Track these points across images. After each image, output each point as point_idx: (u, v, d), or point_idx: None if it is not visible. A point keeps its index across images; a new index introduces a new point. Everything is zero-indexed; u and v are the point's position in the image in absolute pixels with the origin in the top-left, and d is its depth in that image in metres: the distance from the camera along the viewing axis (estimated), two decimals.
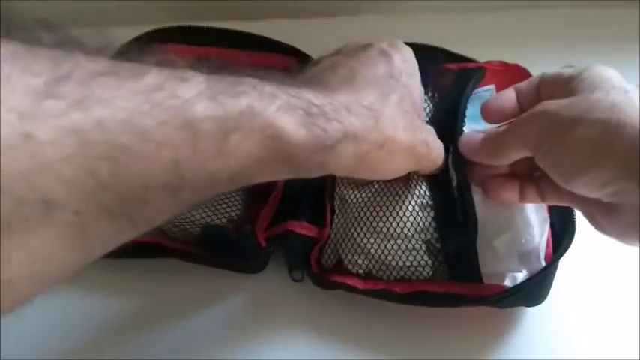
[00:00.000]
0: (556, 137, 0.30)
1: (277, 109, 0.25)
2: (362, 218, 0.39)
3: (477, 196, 0.39)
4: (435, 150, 0.35)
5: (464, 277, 0.37)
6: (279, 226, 0.41)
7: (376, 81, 0.32)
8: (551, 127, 0.30)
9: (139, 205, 0.21)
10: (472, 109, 0.41)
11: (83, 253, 0.20)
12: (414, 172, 0.39)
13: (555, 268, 0.38)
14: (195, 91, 0.23)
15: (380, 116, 0.30)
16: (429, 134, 0.35)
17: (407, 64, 0.35)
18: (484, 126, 0.44)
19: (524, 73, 0.45)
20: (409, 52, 0.36)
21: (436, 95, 0.44)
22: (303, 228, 0.41)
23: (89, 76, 0.20)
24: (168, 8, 0.56)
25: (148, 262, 0.41)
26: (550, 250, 0.39)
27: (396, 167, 0.33)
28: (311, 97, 0.28)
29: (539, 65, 0.46)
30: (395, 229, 0.38)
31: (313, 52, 0.51)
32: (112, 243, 0.22)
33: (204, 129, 0.22)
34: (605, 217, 0.32)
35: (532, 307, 0.39)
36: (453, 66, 0.47)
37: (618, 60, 0.53)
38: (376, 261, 0.39)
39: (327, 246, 0.41)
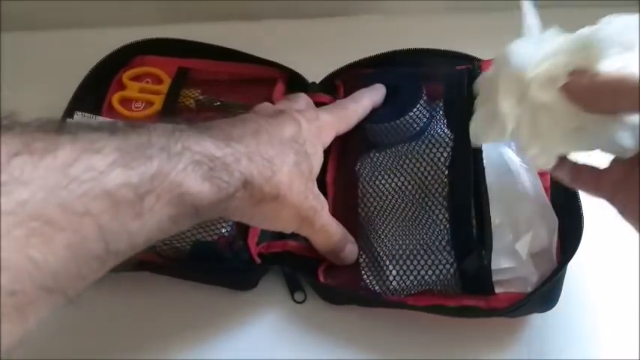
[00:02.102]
0: None
1: (184, 169, 0.27)
2: (389, 248, 0.38)
3: (497, 201, 0.38)
4: (320, 221, 0.36)
5: (476, 291, 0.36)
6: (275, 243, 0.40)
7: (280, 141, 0.34)
8: None
9: (73, 280, 0.23)
10: None
11: (18, 327, 0.21)
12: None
13: (565, 270, 0.37)
14: (109, 161, 0.24)
15: (277, 170, 0.32)
16: (320, 205, 0.36)
17: (312, 135, 0.36)
18: None
19: None
20: (323, 126, 0.38)
21: (439, 103, 0.43)
22: (303, 249, 0.40)
23: (4, 159, 0.21)
24: (167, 9, 0.56)
25: (140, 277, 0.39)
26: (558, 252, 0.39)
27: (282, 223, 0.34)
28: (213, 149, 0.29)
29: None
30: (415, 264, 0.38)
31: (313, 52, 0.51)
32: (45, 315, 0.22)
33: (121, 196, 0.24)
34: None
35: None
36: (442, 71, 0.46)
37: None
38: (394, 288, 0.38)
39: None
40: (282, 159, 0.33)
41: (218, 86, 0.48)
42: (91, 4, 0.54)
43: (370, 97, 0.43)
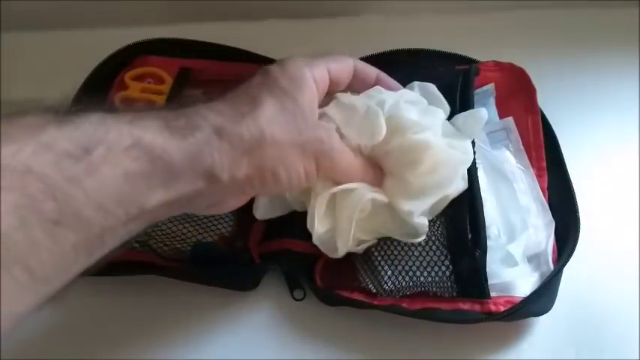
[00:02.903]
0: None
1: (131, 120, 0.25)
2: (384, 249, 0.38)
3: (491, 203, 0.39)
4: (333, 151, 0.32)
5: (472, 294, 0.36)
6: (273, 242, 0.39)
7: (247, 89, 0.31)
8: None
9: (31, 248, 0.21)
10: None
11: None
12: None
13: (561, 272, 0.37)
14: (40, 119, 0.23)
15: (249, 112, 0.29)
16: (326, 133, 0.32)
17: (286, 72, 0.32)
18: (487, 127, 0.44)
19: (520, 72, 0.44)
20: (292, 63, 0.33)
21: None
22: (300, 245, 0.39)
23: None
24: (168, 9, 0.56)
25: (141, 279, 0.39)
26: (555, 254, 0.39)
27: (294, 169, 0.31)
28: (165, 109, 0.28)
29: (539, 65, 0.45)
30: (410, 265, 0.37)
31: (314, 52, 0.51)
32: (13, 291, 0.21)
33: (61, 148, 0.22)
34: None
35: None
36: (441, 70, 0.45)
37: (618, 60, 0.53)
38: (389, 289, 0.38)
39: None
40: (252, 102, 0.30)
41: (220, 86, 0.48)
42: (91, 4, 0.54)
43: (377, 70, 0.39)
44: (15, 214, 0.20)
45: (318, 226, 0.35)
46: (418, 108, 0.37)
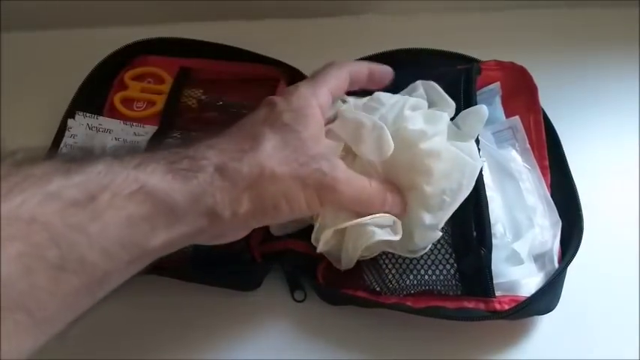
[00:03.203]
0: None
1: (138, 165, 0.26)
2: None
3: (497, 201, 0.39)
4: (334, 182, 0.32)
5: (477, 292, 0.36)
6: (276, 242, 0.39)
7: (252, 125, 0.32)
8: None
9: (34, 294, 0.21)
10: None
11: None
12: None
13: (565, 271, 0.37)
14: (49, 168, 0.24)
15: (251, 149, 0.30)
16: (328, 164, 0.32)
17: (290, 104, 0.33)
18: (494, 126, 0.43)
19: (521, 71, 0.44)
20: (297, 95, 0.34)
21: None
22: (303, 246, 0.39)
23: None
24: (168, 9, 0.56)
25: (142, 279, 0.38)
26: (559, 253, 0.39)
27: (296, 201, 0.31)
28: (169, 148, 0.29)
29: (539, 65, 0.45)
30: (415, 264, 0.38)
31: (313, 52, 0.50)
32: (17, 335, 0.21)
33: (67, 196, 0.23)
34: None
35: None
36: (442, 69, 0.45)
37: (618, 60, 0.53)
38: (393, 287, 0.38)
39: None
40: (253, 139, 0.31)
41: (220, 86, 0.48)
42: (91, 4, 0.54)
43: (366, 64, 0.40)
44: (19, 262, 0.21)
45: (323, 246, 0.36)
46: (422, 114, 0.37)
